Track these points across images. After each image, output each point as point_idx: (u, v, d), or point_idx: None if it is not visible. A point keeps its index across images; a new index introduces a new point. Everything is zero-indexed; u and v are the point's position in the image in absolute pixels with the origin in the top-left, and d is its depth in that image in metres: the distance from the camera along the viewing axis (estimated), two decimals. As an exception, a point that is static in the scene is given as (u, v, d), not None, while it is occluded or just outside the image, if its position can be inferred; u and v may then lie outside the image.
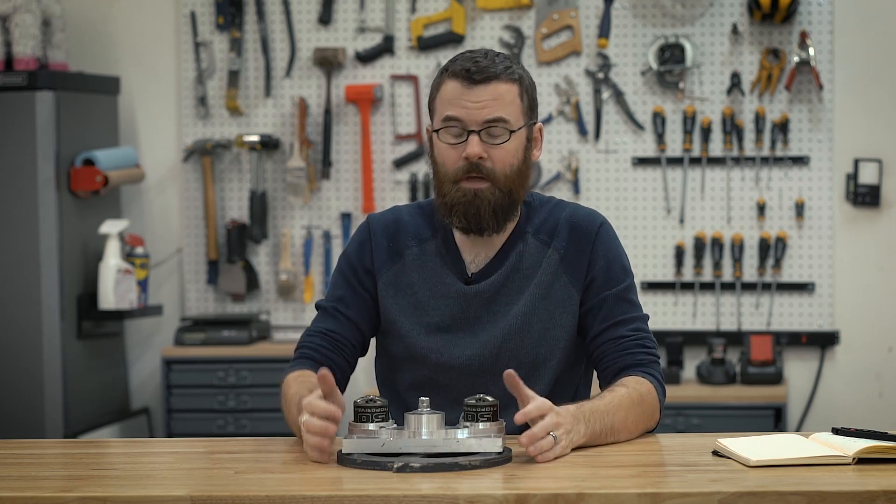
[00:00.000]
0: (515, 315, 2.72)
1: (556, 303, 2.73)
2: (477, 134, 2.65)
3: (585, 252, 2.75)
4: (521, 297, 2.73)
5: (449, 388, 2.66)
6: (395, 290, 2.77)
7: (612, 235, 2.80)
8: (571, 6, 5.27)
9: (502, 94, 2.67)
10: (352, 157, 5.41)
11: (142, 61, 5.51)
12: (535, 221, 2.78)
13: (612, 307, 2.72)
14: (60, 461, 2.61)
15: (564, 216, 2.78)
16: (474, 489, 2.17)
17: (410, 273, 2.77)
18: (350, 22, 5.40)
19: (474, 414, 2.39)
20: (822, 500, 2.11)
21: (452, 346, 2.72)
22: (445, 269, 2.75)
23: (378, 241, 2.79)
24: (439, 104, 2.70)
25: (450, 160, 2.68)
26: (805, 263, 5.21)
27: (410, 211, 2.84)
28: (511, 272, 2.74)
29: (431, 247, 2.78)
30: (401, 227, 2.80)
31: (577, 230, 2.76)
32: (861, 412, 5.16)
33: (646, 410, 2.63)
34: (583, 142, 5.30)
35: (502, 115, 2.66)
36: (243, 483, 2.28)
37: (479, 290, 2.73)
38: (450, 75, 2.69)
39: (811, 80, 5.16)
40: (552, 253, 2.75)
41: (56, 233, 4.98)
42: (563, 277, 2.74)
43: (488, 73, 2.66)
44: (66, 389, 5.00)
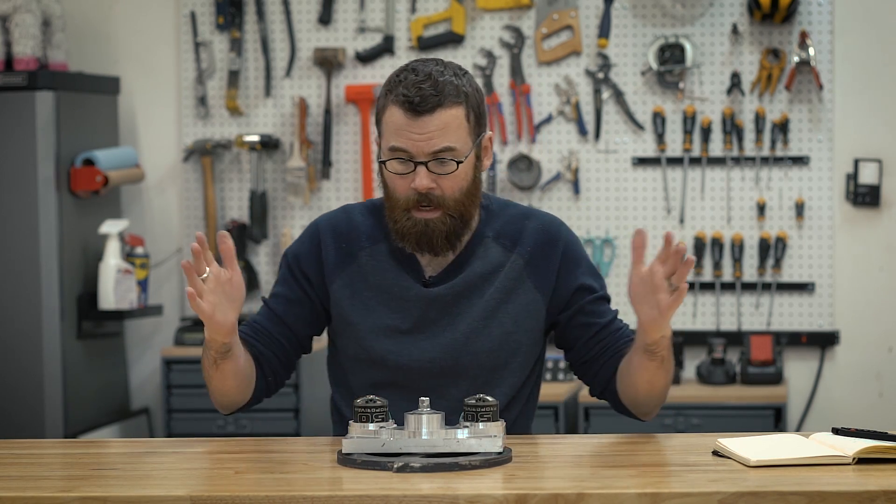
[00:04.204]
0: (477, 318, 2.71)
1: (519, 307, 2.73)
2: (424, 165, 2.63)
3: (553, 258, 2.75)
4: (482, 300, 2.72)
5: (407, 388, 2.65)
6: (351, 292, 2.75)
7: (576, 240, 2.82)
8: (571, 6, 5.27)
9: (448, 123, 2.64)
10: (352, 157, 5.41)
11: (142, 61, 5.51)
12: (495, 225, 2.76)
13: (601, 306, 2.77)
14: (60, 461, 2.61)
15: (529, 223, 2.77)
16: (474, 489, 2.17)
17: (367, 275, 2.75)
18: (350, 22, 5.40)
19: (474, 414, 2.39)
20: (822, 500, 2.11)
21: (412, 349, 2.71)
22: (402, 272, 2.74)
23: (327, 245, 2.77)
24: (385, 129, 2.67)
25: (399, 189, 2.67)
26: (805, 263, 5.21)
27: (362, 210, 2.81)
28: (471, 276, 2.73)
29: (385, 248, 2.76)
30: (353, 228, 2.78)
31: (544, 236, 2.76)
32: (861, 412, 5.16)
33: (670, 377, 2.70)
34: (583, 142, 5.30)
35: (449, 143, 2.64)
36: (243, 483, 2.28)
37: (440, 293, 2.72)
38: (394, 101, 2.65)
39: (811, 80, 5.16)
40: (516, 258, 2.74)
41: (56, 233, 4.98)
42: (528, 282, 2.74)
43: (432, 102, 2.62)
44: (66, 389, 5.00)
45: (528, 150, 5.30)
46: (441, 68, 2.67)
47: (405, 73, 2.68)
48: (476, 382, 2.69)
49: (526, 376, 2.75)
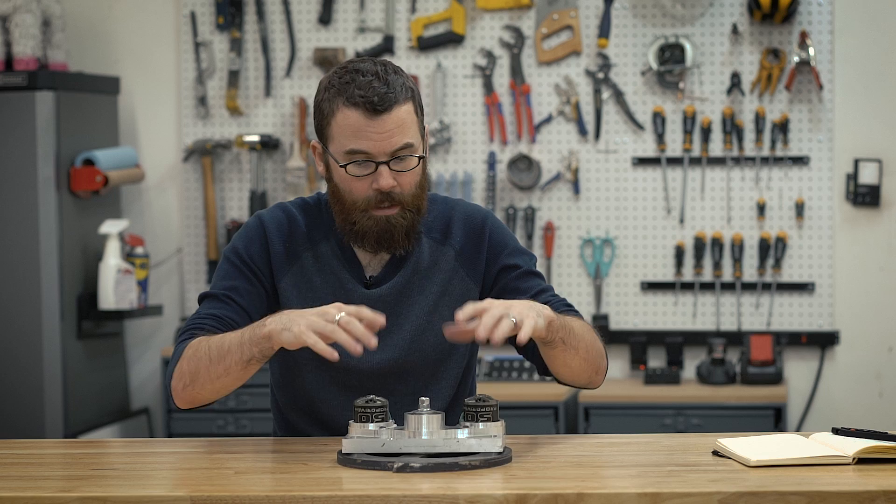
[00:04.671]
0: (419, 315, 2.72)
1: (455, 298, 2.73)
2: (386, 164, 2.63)
3: (481, 246, 2.75)
4: (422, 296, 2.73)
5: (357, 388, 2.64)
6: (297, 292, 2.72)
7: (501, 225, 2.81)
8: (571, 6, 5.27)
9: (404, 118, 2.63)
10: (352, 157, 5.40)
11: (142, 61, 5.51)
12: (427, 221, 2.76)
13: (528, 281, 2.73)
14: (60, 461, 2.61)
15: (455, 214, 2.78)
16: (474, 489, 2.17)
17: (311, 276, 2.73)
18: (350, 22, 5.40)
19: (474, 414, 2.39)
20: (822, 500, 2.11)
21: None
22: (344, 273, 2.72)
23: (273, 241, 2.73)
24: (337, 132, 2.64)
25: (357, 190, 2.65)
26: (805, 263, 5.21)
27: (299, 210, 2.78)
28: (411, 274, 2.73)
29: (326, 249, 2.74)
30: (294, 228, 2.75)
31: (469, 225, 2.76)
32: (861, 412, 5.16)
33: (595, 340, 2.65)
34: (583, 142, 5.30)
35: (408, 140, 2.63)
36: (243, 483, 2.28)
37: (382, 293, 2.71)
38: (347, 103, 2.61)
39: (811, 80, 5.16)
40: (447, 250, 2.75)
41: (56, 233, 4.98)
42: (461, 272, 2.75)
43: (389, 100, 2.60)
44: (66, 389, 5.00)
45: (528, 150, 5.30)
46: (382, 67, 2.65)
47: (350, 74, 2.64)
48: (423, 377, 2.72)
49: (465, 363, 2.78)
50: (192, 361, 2.56)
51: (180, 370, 2.58)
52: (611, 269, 5.27)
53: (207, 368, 2.54)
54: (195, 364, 2.56)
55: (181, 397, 2.60)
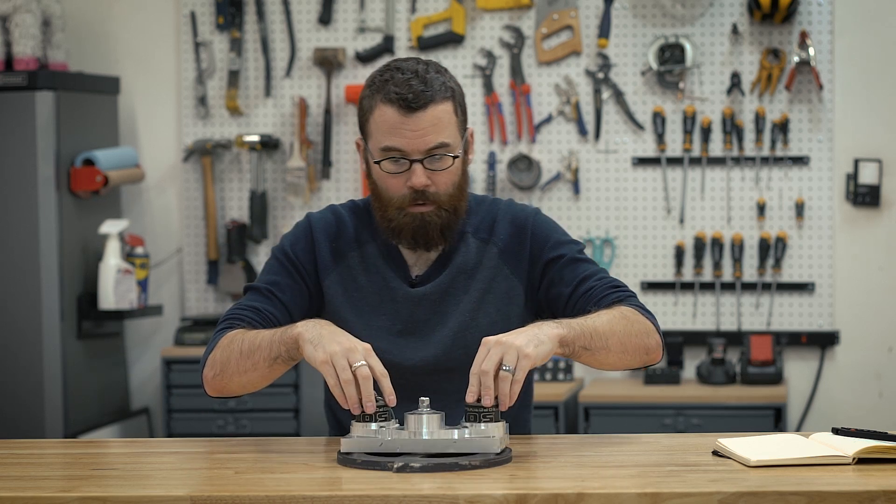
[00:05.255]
0: (463, 313, 2.73)
1: (499, 295, 2.74)
2: (420, 163, 2.64)
3: (525, 242, 2.76)
4: (467, 295, 2.74)
5: (402, 387, 2.64)
6: (343, 290, 2.75)
7: (548, 221, 2.80)
8: (571, 6, 5.27)
9: (440, 117, 2.64)
10: (352, 157, 5.41)
11: (142, 61, 5.51)
12: (474, 221, 2.78)
13: (572, 269, 2.72)
14: (60, 461, 2.61)
15: (501, 212, 2.79)
16: (474, 489, 2.17)
17: (357, 275, 2.75)
18: (350, 22, 5.40)
19: (476, 415, 2.39)
20: (822, 500, 2.11)
21: (404, 349, 2.72)
22: (390, 273, 2.75)
23: (320, 241, 2.77)
24: (374, 129, 2.66)
25: (393, 188, 2.67)
26: (805, 263, 5.21)
27: (348, 212, 2.81)
28: (456, 273, 2.75)
29: (373, 249, 2.77)
30: (342, 229, 2.78)
31: (515, 223, 2.77)
32: (861, 412, 5.16)
33: (632, 324, 2.59)
34: (583, 142, 5.30)
35: (443, 139, 2.64)
36: (243, 483, 2.28)
37: (426, 292, 2.73)
38: (384, 100, 2.64)
39: (811, 80, 5.16)
40: (491, 248, 2.76)
41: (56, 233, 4.98)
42: (505, 269, 2.75)
43: (424, 98, 2.62)
44: (66, 389, 5.00)
45: (528, 150, 5.30)
46: (424, 66, 2.67)
47: (390, 72, 2.67)
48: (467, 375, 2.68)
49: None
50: (225, 352, 2.60)
51: (213, 359, 2.62)
52: (611, 268, 5.27)
53: (237, 361, 2.58)
54: (227, 355, 2.60)
55: (211, 385, 2.65)
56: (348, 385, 2.40)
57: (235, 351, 2.59)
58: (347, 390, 2.40)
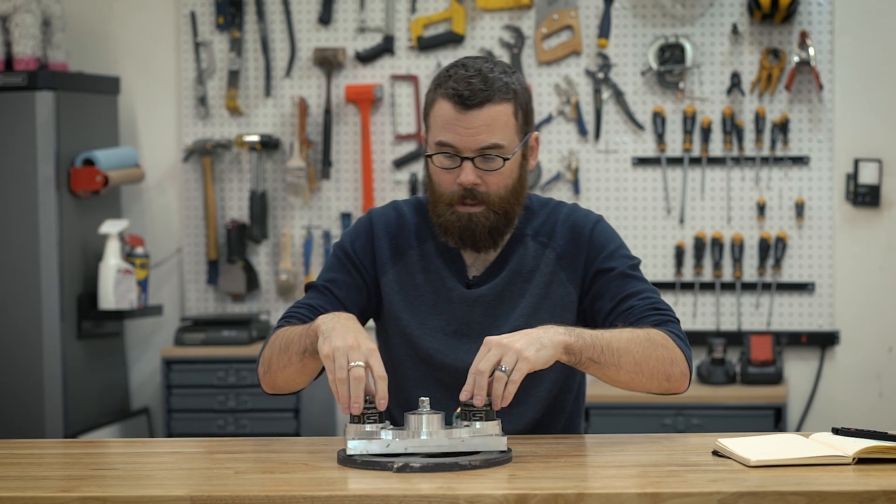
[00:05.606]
0: (518, 318, 2.71)
1: (555, 301, 2.73)
2: (471, 161, 2.64)
3: (582, 249, 2.74)
4: (523, 299, 2.73)
5: (454, 387, 2.63)
6: (399, 287, 2.76)
7: (608, 229, 2.78)
8: (571, 6, 5.27)
9: (496, 118, 2.64)
10: (352, 157, 5.41)
11: (142, 61, 5.51)
12: (535, 224, 2.77)
13: (618, 285, 2.69)
14: (60, 461, 2.61)
15: (562, 216, 2.77)
16: (474, 489, 2.16)
17: (415, 274, 2.76)
18: (350, 22, 5.40)
19: (468, 413, 2.40)
20: (822, 500, 2.11)
21: (457, 350, 2.72)
22: (447, 272, 2.75)
23: (380, 238, 2.78)
24: (433, 123, 2.67)
25: (444, 183, 2.67)
26: (805, 263, 5.21)
27: (410, 208, 2.82)
28: (512, 276, 2.74)
29: (432, 248, 2.77)
30: (403, 226, 2.79)
31: (574, 229, 2.76)
32: (861, 412, 5.16)
33: (657, 349, 2.56)
34: (583, 142, 5.30)
35: (496, 140, 2.64)
36: (243, 483, 2.28)
37: (481, 294, 2.73)
38: (443, 94, 2.65)
39: (811, 80, 5.16)
40: (549, 253, 2.75)
41: (56, 233, 4.98)
42: (561, 275, 2.74)
43: (481, 96, 2.62)
44: (66, 389, 5.00)
45: (528, 150, 5.29)
46: (491, 65, 2.68)
47: (455, 68, 2.68)
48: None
49: (569, 370, 2.73)
50: (270, 349, 2.65)
51: (263, 357, 2.68)
52: (611, 269, 5.26)
53: (278, 357, 2.63)
54: (271, 352, 2.65)
55: (264, 382, 2.69)
56: (341, 384, 2.40)
57: (277, 347, 2.63)
58: (340, 389, 2.40)
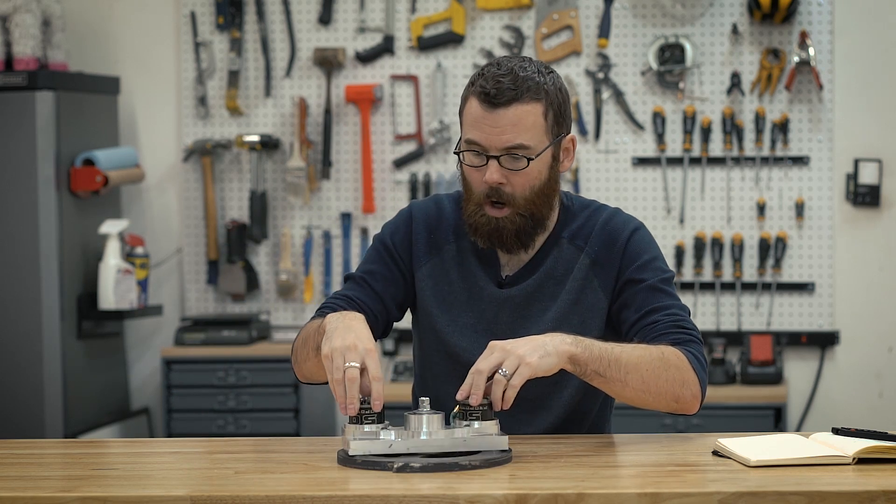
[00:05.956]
0: (548, 321, 2.69)
1: (586, 307, 2.70)
2: (496, 159, 2.62)
3: (616, 256, 2.69)
4: (554, 302, 2.70)
5: None
6: (433, 282, 2.75)
7: (646, 239, 2.72)
8: (571, 6, 5.27)
9: (522, 118, 2.61)
10: (352, 157, 5.41)
11: (142, 61, 5.51)
12: (572, 227, 2.74)
13: (646, 297, 2.65)
14: (60, 461, 2.61)
15: (601, 221, 2.73)
16: (474, 489, 2.16)
17: (449, 270, 2.75)
18: (350, 22, 5.40)
19: (465, 413, 2.40)
20: (822, 500, 2.11)
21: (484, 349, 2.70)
22: (480, 271, 2.73)
23: (418, 231, 2.77)
24: (465, 121, 2.66)
25: (474, 181, 2.66)
26: (805, 263, 5.21)
27: (451, 202, 2.80)
28: (545, 278, 2.71)
29: (468, 245, 2.75)
30: (442, 220, 2.78)
31: (611, 235, 2.71)
32: (861, 412, 5.16)
33: (668, 369, 2.53)
34: (583, 142, 5.30)
35: (522, 141, 2.60)
36: (243, 483, 2.28)
37: (511, 294, 2.71)
38: (474, 92, 2.64)
39: (811, 80, 5.16)
40: (584, 257, 2.71)
41: (56, 233, 4.98)
42: (595, 281, 2.70)
43: (509, 95, 2.60)
44: (66, 389, 5.00)
45: (528, 150, 5.29)
46: (525, 64, 2.66)
47: (489, 66, 2.66)
48: (543, 384, 2.59)
49: None
50: (299, 341, 2.68)
51: (295, 347, 2.70)
52: (611, 269, 5.26)
53: (301, 350, 2.66)
54: (298, 343, 2.68)
55: (295, 370, 2.72)
56: (338, 385, 2.40)
57: (301, 340, 2.66)
58: (336, 389, 2.40)
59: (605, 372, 2.48)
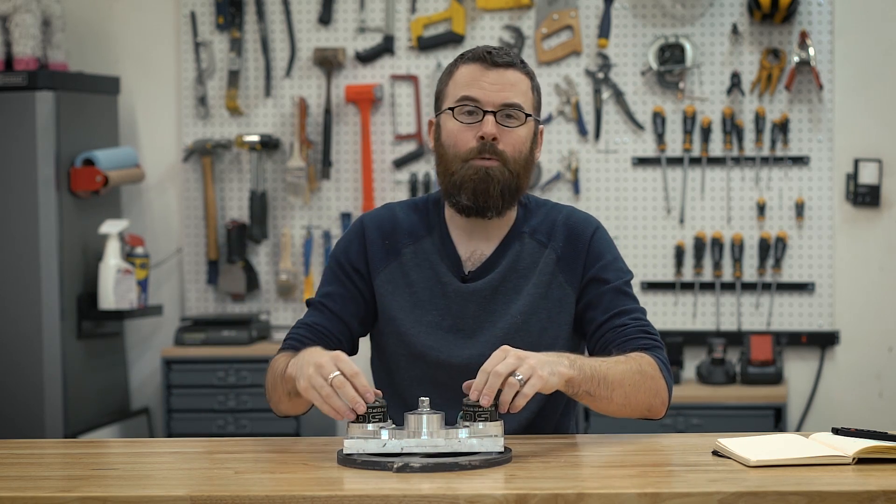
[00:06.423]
0: (515, 314, 2.73)
1: (553, 302, 2.74)
2: (493, 115, 2.68)
3: (581, 253, 2.76)
4: (520, 296, 2.74)
5: (448, 386, 2.65)
6: (393, 287, 2.77)
7: (607, 238, 2.81)
8: (571, 6, 5.27)
9: (517, 83, 2.71)
10: (352, 157, 5.41)
11: (142, 61, 5.51)
12: (532, 223, 2.79)
13: (613, 299, 2.73)
14: (60, 461, 2.61)
15: (561, 218, 2.80)
16: (474, 489, 2.17)
17: (409, 271, 2.77)
18: (350, 22, 5.40)
19: (472, 414, 2.39)
20: (822, 500, 2.11)
21: (452, 346, 2.73)
22: (442, 267, 2.76)
23: (372, 240, 2.79)
24: (453, 88, 2.73)
25: (462, 140, 2.70)
26: (805, 263, 5.21)
27: (404, 208, 2.84)
28: (508, 271, 2.75)
29: (427, 244, 2.78)
30: (396, 225, 2.81)
31: (574, 232, 2.78)
32: (861, 412, 5.16)
33: (646, 381, 2.60)
34: (583, 142, 5.30)
35: (518, 101, 2.70)
36: (243, 483, 2.28)
37: (477, 288, 2.74)
38: (466, 61, 2.73)
39: (811, 80, 5.16)
40: (549, 253, 2.77)
41: (56, 233, 4.98)
42: (560, 277, 2.75)
43: (507, 59, 2.71)
44: (66, 389, 5.00)
45: (528, 150, 5.30)
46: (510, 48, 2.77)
47: (476, 48, 2.77)
48: None
49: None
50: (270, 380, 2.70)
51: (266, 385, 2.74)
52: (611, 269, 5.26)
53: (272, 391, 2.69)
54: (269, 386, 2.71)
55: (272, 408, 2.74)
56: (331, 398, 2.40)
57: (271, 382, 2.69)
58: (333, 403, 2.40)
59: (595, 391, 2.53)
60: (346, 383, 2.40)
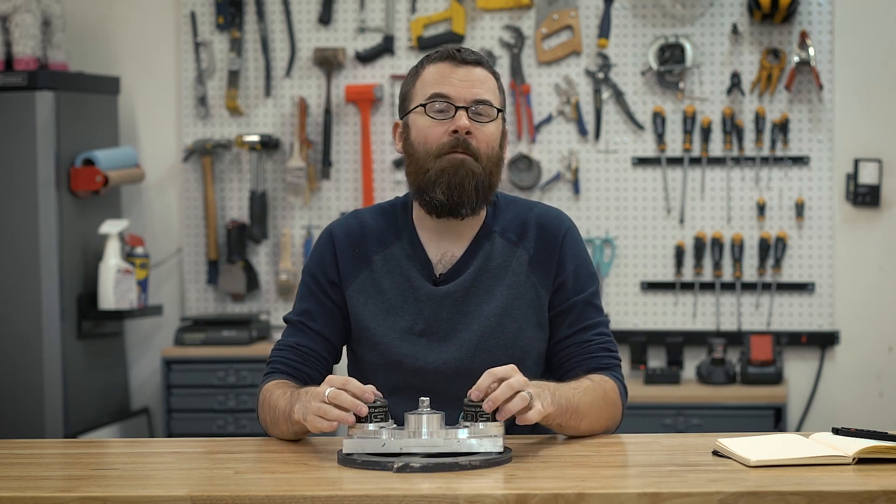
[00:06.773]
0: (489, 316, 2.72)
1: (527, 303, 2.74)
2: (465, 110, 2.68)
3: (554, 254, 2.76)
4: (493, 297, 2.73)
5: (426, 392, 2.62)
6: (365, 297, 2.75)
7: (578, 239, 2.81)
8: (571, 6, 5.27)
9: (486, 80, 2.73)
10: (352, 157, 5.41)
11: (142, 61, 5.51)
12: (502, 221, 2.78)
13: (581, 312, 2.74)
14: (60, 461, 2.61)
15: (533, 217, 2.79)
16: (474, 489, 2.17)
17: (380, 279, 2.75)
18: (350, 22, 5.40)
19: (474, 414, 2.39)
20: (822, 500, 2.11)
21: (427, 351, 2.71)
22: (413, 271, 2.74)
23: (342, 251, 2.78)
24: (421, 87, 2.72)
25: (433, 136, 2.69)
26: (805, 263, 5.21)
27: (372, 214, 2.82)
28: (479, 272, 2.74)
29: (397, 249, 2.77)
30: (365, 233, 2.79)
31: (546, 231, 2.77)
32: (861, 412, 5.16)
33: (608, 406, 2.66)
34: (583, 142, 5.30)
35: (488, 97, 2.71)
36: (243, 483, 2.28)
37: (449, 290, 2.73)
38: (433, 60, 2.73)
39: (811, 80, 5.16)
40: (522, 253, 2.76)
41: (56, 233, 4.98)
42: (533, 277, 2.75)
43: (474, 57, 2.73)
44: (66, 389, 5.00)
45: (528, 150, 5.30)
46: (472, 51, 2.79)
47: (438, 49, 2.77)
48: None
49: (541, 374, 2.75)
50: (263, 412, 2.70)
51: (260, 417, 2.73)
52: (611, 269, 5.27)
53: (272, 426, 2.67)
54: (265, 417, 2.69)
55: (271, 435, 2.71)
56: (329, 411, 2.41)
57: (269, 418, 2.67)
58: (332, 414, 2.40)
59: (566, 422, 2.56)
60: (340, 392, 2.41)
